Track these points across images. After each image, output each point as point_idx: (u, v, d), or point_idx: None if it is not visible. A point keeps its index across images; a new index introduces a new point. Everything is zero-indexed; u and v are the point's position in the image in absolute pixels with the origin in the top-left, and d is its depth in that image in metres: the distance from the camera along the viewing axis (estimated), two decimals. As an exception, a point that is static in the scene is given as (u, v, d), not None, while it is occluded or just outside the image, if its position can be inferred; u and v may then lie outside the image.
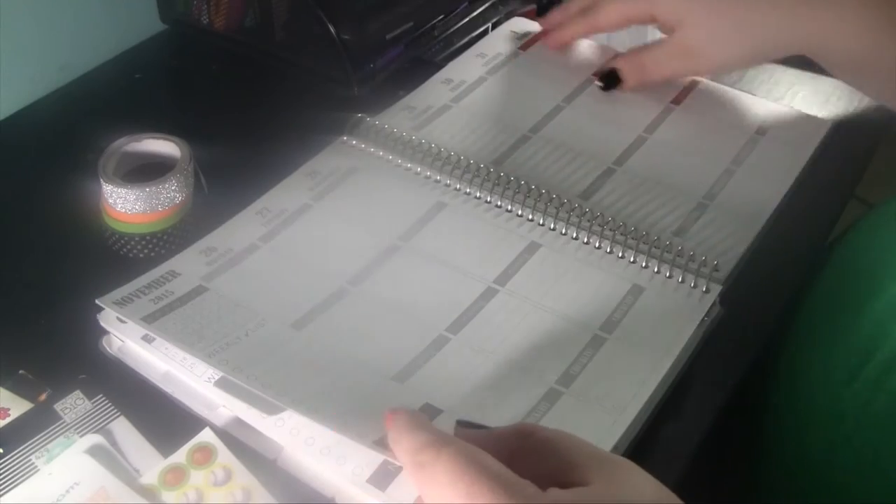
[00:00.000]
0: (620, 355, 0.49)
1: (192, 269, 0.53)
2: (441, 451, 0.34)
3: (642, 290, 0.53)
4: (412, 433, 0.36)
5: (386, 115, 0.66)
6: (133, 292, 0.50)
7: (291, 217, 0.57)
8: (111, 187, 0.54)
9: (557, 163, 0.63)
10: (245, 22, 0.73)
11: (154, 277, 0.52)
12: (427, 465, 0.35)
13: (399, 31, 0.70)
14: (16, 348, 0.50)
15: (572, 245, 0.56)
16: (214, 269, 0.53)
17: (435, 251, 0.55)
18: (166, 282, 0.51)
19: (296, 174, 0.60)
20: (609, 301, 0.52)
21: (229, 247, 0.55)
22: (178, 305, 0.50)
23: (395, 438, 0.38)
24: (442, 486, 0.34)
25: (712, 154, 0.64)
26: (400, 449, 0.37)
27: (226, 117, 0.68)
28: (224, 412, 0.47)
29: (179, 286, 0.51)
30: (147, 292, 0.50)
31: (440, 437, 0.36)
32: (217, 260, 0.53)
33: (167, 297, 0.50)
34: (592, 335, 0.50)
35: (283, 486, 0.44)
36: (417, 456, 0.35)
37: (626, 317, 0.51)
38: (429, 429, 0.37)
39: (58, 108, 0.69)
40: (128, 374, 0.49)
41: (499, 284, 0.53)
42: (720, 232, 0.58)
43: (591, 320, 0.51)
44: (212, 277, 0.52)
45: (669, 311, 0.52)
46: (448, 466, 0.34)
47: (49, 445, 0.45)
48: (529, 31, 0.76)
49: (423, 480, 0.35)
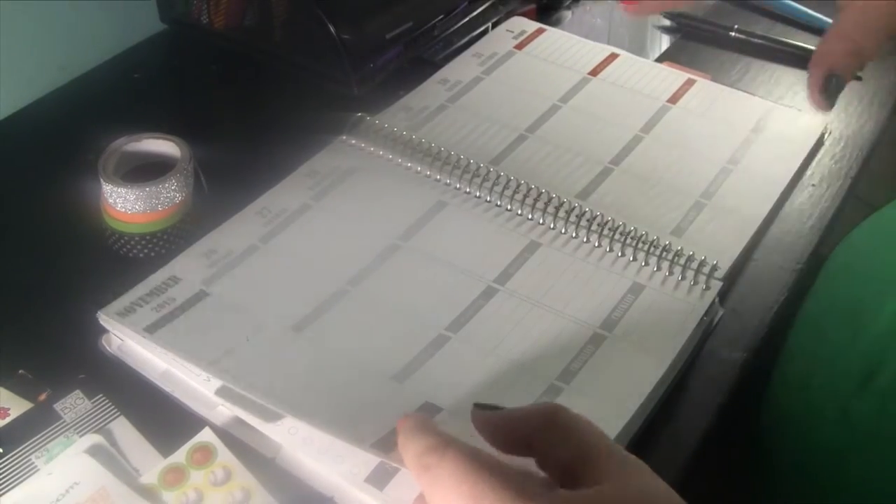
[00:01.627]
0: (621, 353, 0.49)
1: (192, 274, 0.53)
2: (445, 454, 0.35)
3: (642, 287, 0.53)
4: (418, 437, 0.37)
5: (385, 115, 0.66)
6: (135, 301, 0.51)
7: (291, 217, 0.57)
8: (111, 187, 0.54)
9: (555, 162, 0.63)
10: (245, 21, 0.73)
11: (155, 284, 0.52)
12: (432, 468, 0.35)
13: (399, 30, 0.70)
14: (16, 348, 0.50)
15: (571, 244, 0.56)
16: (215, 273, 0.53)
17: (434, 250, 0.55)
18: (168, 288, 0.52)
19: (295, 174, 0.61)
20: (609, 299, 0.53)
21: (229, 248, 0.55)
22: (179, 313, 0.50)
23: (402, 443, 0.38)
24: (447, 488, 0.34)
25: (710, 153, 0.64)
26: (407, 453, 0.37)
27: (225, 117, 0.68)
28: (223, 411, 0.47)
29: (180, 292, 0.52)
30: (149, 300, 0.51)
31: (445, 439, 0.36)
32: (217, 262, 0.54)
33: (169, 304, 0.51)
34: (593, 333, 0.50)
35: (282, 485, 0.44)
36: (422, 459, 0.35)
37: (626, 315, 0.52)
38: (434, 432, 0.37)
39: (57, 108, 0.69)
40: (128, 374, 0.49)
41: (499, 283, 0.53)
42: (718, 230, 0.58)
43: (591, 318, 0.51)
44: (212, 281, 0.53)
45: (669, 309, 0.52)
46: (451, 468, 0.34)
47: (49, 445, 0.46)
48: (525, 30, 0.76)
49: (429, 483, 0.35)
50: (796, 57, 0.77)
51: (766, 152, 0.65)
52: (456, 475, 0.34)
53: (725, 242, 0.57)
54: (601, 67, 0.72)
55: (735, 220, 0.59)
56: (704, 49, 0.79)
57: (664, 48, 0.79)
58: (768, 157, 0.64)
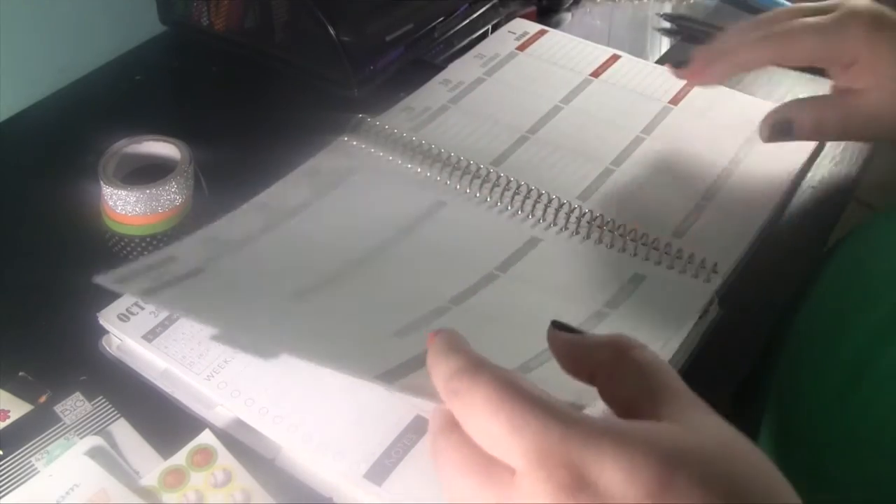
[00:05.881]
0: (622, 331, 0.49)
1: (191, 256, 0.52)
2: (476, 379, 0.32)
3: (643, 277, 0.53)
4: (447, 357, 0.34)
5: (386, 116, 0.66)
6: (131, 272, 0.49)
7: (292, 211, 0.57)
8: (111, 189, 0.54)
9: (556, 163, 0.63)
10: (245, 23, 0.73)
11: (153, 261, 0.50)
12: (462, 393, 0.33)
13: (399, 32, 0.71)
14: (16, 350, 0.50)
15: (574, 240, 0.56)
16: (214, 256, 0.52)
17: (436, 243, 0.55)
18: (165, 265, 0.50)
19: (296, 172, 0.60)
20: (611, 285, 0.53)
21: (229, 237, 0.54)
22: (176, 283, 0.49)
23: (431, 363, 0.35)
24: (483, 414, 0.32)
25: (710, 154, 0.64)
26: (435, 374, 0.35)
27: (226, 119, 0.68)
28: (222, 411, 0.47)
29: (178, 268, 0.50)
30: (146, 272, 0.49)
31: (475, 361, 0.33)
32: (217, 248, 0.53)
33: (166, 276, 0.49)
34: (595, 310, 0.51)
35: (282, 486, 0.44)
36: (451, 383, 0.33)
37: (627, 300, 0.52)
38: (465, 353, 0.34)
39: (58, 110, 0.69)
40: (128, 376, 0.49)
41: (500, 271, 0.54)
42: (719, 232, 0.58)
43: (594, 299, 0.52)
44: (211, 261, 0.52)
45: (669, 302, 0.52)
46: (486, 393, 0.32)
47: (49, 447, 0.45)
48: (528, 31, 0.76)
49: (460, 408, 0.33)
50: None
51: (767, 154, 0.64)
52: (491, 402, 0.32)
53: (726, 244, 0.57)
54: (603, 69, 0.72)
55: (736, 222, 0.59)
56: (705, 51, 0.78)
57: (664, 50, 0.79)
58: (769, 158, 0.64)
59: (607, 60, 0.73)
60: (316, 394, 0.46)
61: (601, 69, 0.72)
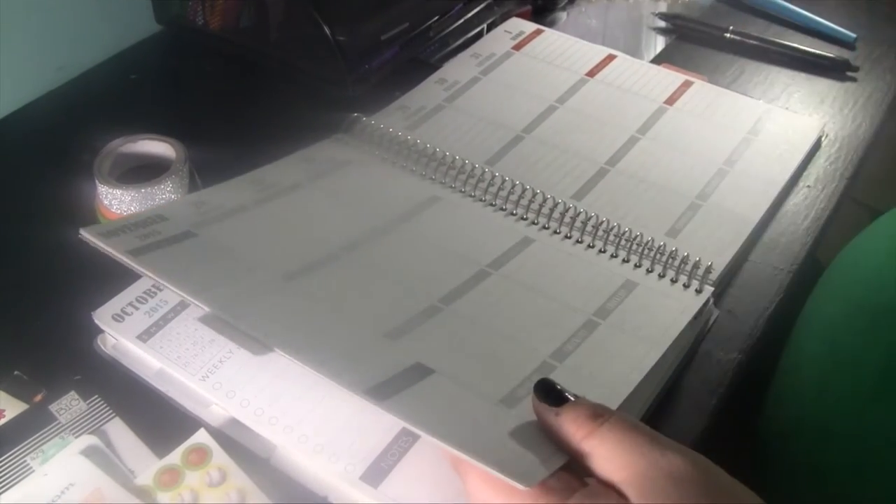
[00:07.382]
0: (613, 340, 0.49)
1: (180, 217, 0.51)
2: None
3: (635, 285, 0.53)
4: None
5: (381, 116, 0.66)
6: (119, 227, 0.48)
7: (284, 191, 0.56)
8: (106, 188, 0.54)
9: (551, 163, 0.63)
10: (240, 23, 0.73)
11: (141, 218, 0.49)
12: None
13: (394, 32, 0.71)
14: (11, 349, 0.50)
15: (566, 242, 0.56)
16: (203, 220, 0.51)
17: (428, 236, 0.55)
18: (154, 223, 0.49)
19: (291, 156, 0.60)
20: (602, 292, 0.52)
21: (220, 203, 0.53)
22: (165, 245, 0.48)
23: None
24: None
25: (705, 154, 0.64)
26: None
27: (221, 118, 0.68)
28: (217, 410, 0.47)
29: (167, 228, 0.49)
30: (133, 230, 0.48)
31: None
32: (207, 213, 0.52)
33: (154, 236, 0.48)
34: (586, 319, 0.50)
35: (277, 486, 0.44)
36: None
37: (618, 307, 0.51)
38: None
39: (54, 109, 0.69)
40: (123, 376, 0.49)
41: (492, 269, 0.53)
42: (714, 232, 0.58)
43: (585, 306, 0.51)
44: (201, 226, 0.51)
45: (662, 306, 0.52)
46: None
47: (44, 446, 0.45)
48: (523, 30, 0.76)
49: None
50: (791, 58, 0.77)
51: (763, 154, 0.65)
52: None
53: (721, 244, 0.57)
54: (599, 69, 0.72)
55: (730, 222, 0.59)
56: (699, 50, 0.79)
57: (659, 50, 0.80)
58: (764, 158, 0.64)
59: (603, 60, 0.73)
60: (312, 395, 0.46)
61: (597, 69, 0.72)
